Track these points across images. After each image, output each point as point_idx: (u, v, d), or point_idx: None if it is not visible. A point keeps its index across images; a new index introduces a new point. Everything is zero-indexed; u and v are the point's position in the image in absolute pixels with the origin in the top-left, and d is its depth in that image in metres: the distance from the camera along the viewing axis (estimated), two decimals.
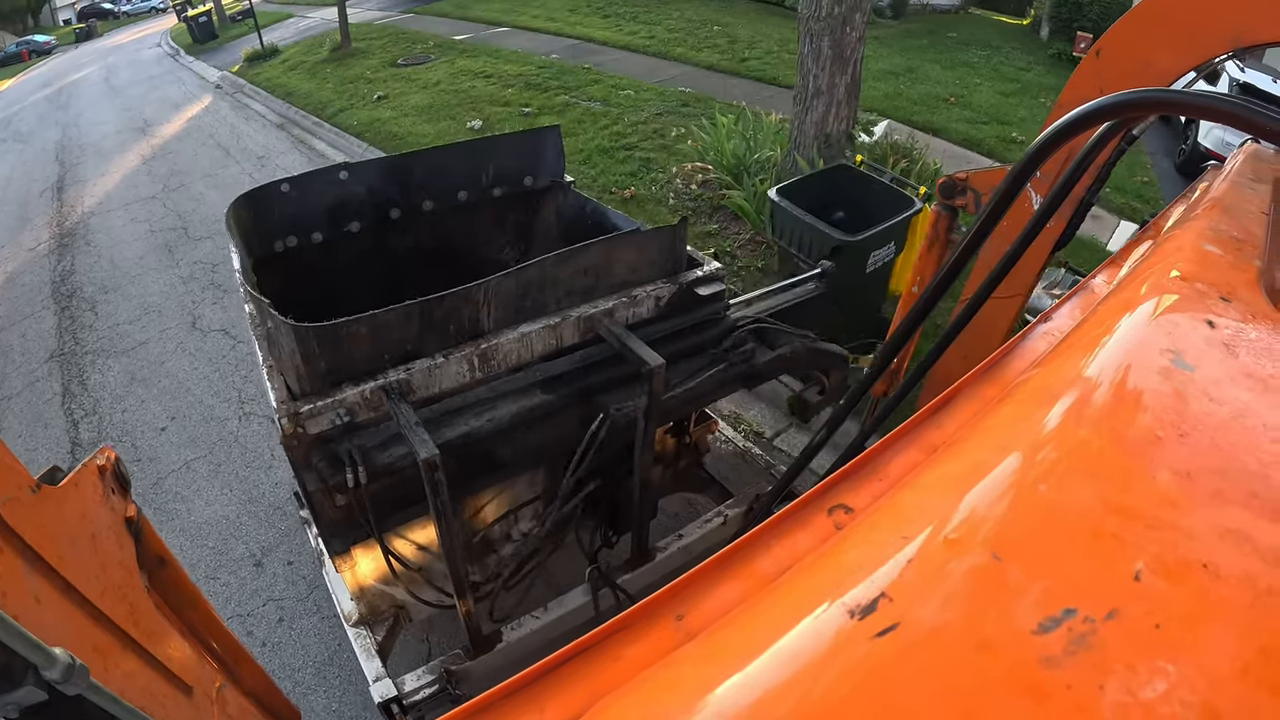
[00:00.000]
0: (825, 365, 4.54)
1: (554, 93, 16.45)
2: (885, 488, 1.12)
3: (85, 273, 11.41)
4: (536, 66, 18.70)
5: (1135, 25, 3.24)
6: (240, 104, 21.00)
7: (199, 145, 17.25)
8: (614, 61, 18.94)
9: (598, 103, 15.35)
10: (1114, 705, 0.48)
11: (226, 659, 2.30)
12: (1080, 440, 0.73)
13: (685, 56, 18.81)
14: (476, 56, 20.59)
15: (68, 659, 1.23)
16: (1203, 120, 9.16)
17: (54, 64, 41.81)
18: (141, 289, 10.51)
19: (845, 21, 8.85)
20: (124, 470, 1.88)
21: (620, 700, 0.79)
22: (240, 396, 7.94)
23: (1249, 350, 0.82)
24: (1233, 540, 0.59)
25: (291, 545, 6.10)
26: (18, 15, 65.58)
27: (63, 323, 9.97)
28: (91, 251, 12.17)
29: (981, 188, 4.12)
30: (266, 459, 7.02)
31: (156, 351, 8.90)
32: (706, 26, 21.75)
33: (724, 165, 10.59)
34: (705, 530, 4.42)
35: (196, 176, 14.91)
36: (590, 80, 17.10)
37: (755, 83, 16.50)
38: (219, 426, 7.52)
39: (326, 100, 18.54)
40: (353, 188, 4.74)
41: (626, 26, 22.46)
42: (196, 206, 13.33)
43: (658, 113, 14.28)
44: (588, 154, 12.56)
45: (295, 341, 3.03)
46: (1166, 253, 1.12)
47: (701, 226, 9.93)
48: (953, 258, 1.64)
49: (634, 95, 15.54)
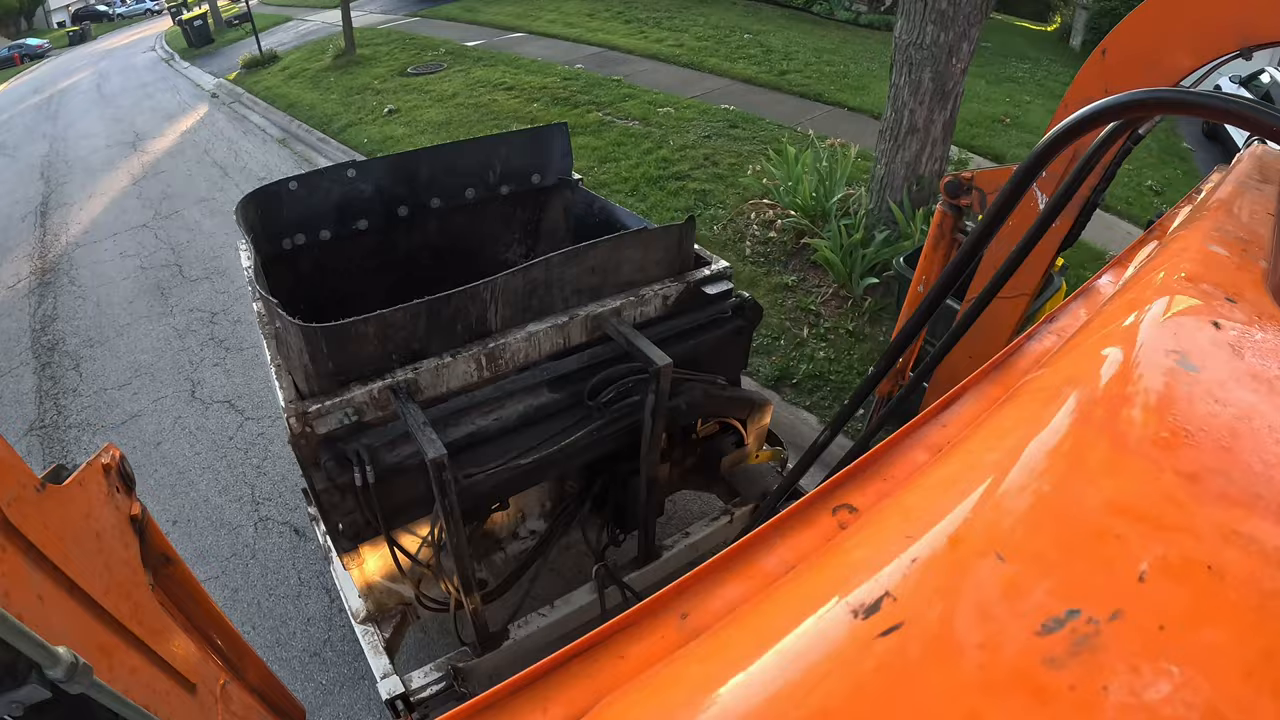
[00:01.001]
0: (740, 413, 4.47)
1: (585, 108, 15.13)
2: (890, 487, 1.12)
3: (68, 319, 10.05)
4: (561, 78, 17.37)
5: (1141, 25, 3.23)
6: (238, 115, 19.84)
7: (194, 163, 15.94)
8: (643, 73, 17.77)
9: (636, 121, 14.08)
10: (1117, 706, 0.48)
11: (231, 656, 2.31)
12: (1085, 441, 0.73)
13: (719, 68, 17.64)
14: (494, 65, 19.28)
15: (71, 658, 1.23)
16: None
17: (46, 69, 40.92)
18: (132, 343, 9.18)
19: (951, 52, 7.80)
20: (128, 469, 1.89)
21: (624, 698, 0.79)
22: (254, 495, 6.56)
23: (1254, 351, 0.82)
24: (1238, 542, 0.59)
25: (337, 709, 4.80)
26: (10, 18, 65.44)
27: (43, 384, 8.67)
28: (76, 292, 10.82)
29: (987, 187, 4.11)
30: (293, 584, 5.68)
31: (151, 428, 7.59)
32: (736, 34, 20.78)
33: (800, 206, 9.29)
34: (711, 528, 4.42)
35: (191, 201, 13.65)
36: (623, 94, 15.82)
37: (800, 99, 15.41)
38: (231, 537, 6.16)
39: (332, 113, 17.33)
40: (360, 185, 4.75)
41: (651, 33, 21.31)
42: (191, 238, 12.08)
43: (705, 135, 13.05)
44: (634, 184, 11.34)
45: (303, 341, 3.04)
46: (1172, 253, 1.12)
47: (776, 277, 8.61)
48: (958, 257, 1.64)
49: (674, 113, 14.31)
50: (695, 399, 3.85)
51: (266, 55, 24.17)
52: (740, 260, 8.95)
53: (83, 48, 48.30)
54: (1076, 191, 1.72)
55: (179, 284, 10.56)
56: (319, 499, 3.20)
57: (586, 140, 13.15)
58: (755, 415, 4.45)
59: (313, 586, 5.61)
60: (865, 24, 23.26)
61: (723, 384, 4.10)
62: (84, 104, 25.40)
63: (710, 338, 3.95)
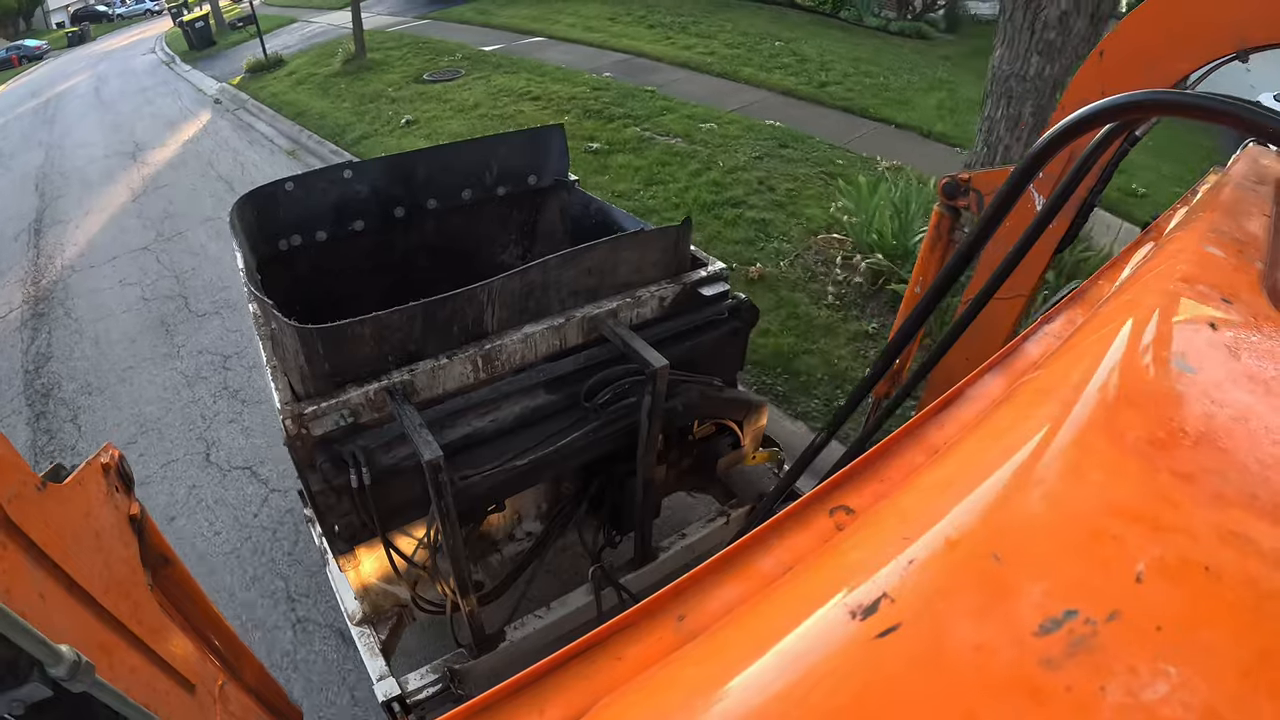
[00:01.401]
0: (736, 415, 4.47)
1: (621, 122, 14.01)
2: (887, 489, 1.12)
3: (64, 358, 9.01)
4: (591, 87, 16.30)
5: (1138, 27, 3.24)
6: (243, 124, 18.69)
7: (197, 177, 14.79)
8: (676, 83, 16.79)
9: (678, 138, 13.08)
10: (1115, 707, 0.48)
11: (229, 657, 2.32)
12: (1082, 442, 0.73)
13: (755, 79, 16.79)
14: (515, 72, 18.19)
15: (73, 656, 1.23)
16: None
17: (44, 70, 39.96)
18: (135, 391, 8.18)
19: (1056, 85, 7.24)
20: (127, 468, 1.89)
21: (621, 700, 0.79)
22: (289, 590, 5.52)
23: (1251, 352, 0.82)
24: (1234, 543, 0.59)
25: None
26: (9, 18, 64.92)
27: (38, 438, 7.63)
28: (72, 326, 9.77)
29: (984, 189, 4.12)
30: (346, 704, 4.71)
31: (163, 499, 6.47)
32: (767, 41, 20.06)
33: (879, 244, 8.52)
34: (708, 530, 4.42)
35: (195, 221, 12.56)
36: (659, 107, 14.76)
37: (844, 114, 14.68)
38: (266, 641, 5.14)
39: (344, 123, 16.16)
40: (357, 186, 4.75)
41: (679, 39, 20.48)
42: (197, 264, 11.02)
43: (756, 155, 12.06)
44: (687, 210, 10.27)
45: (299, 343, 3.04)
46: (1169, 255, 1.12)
47: (855, 323, 7.77)
48: (955, 258, 1.64)
49: (717, 129, 13.33)
50: (692, 400, 3.85)
51: (272, 59, 23.21)
52: (814, 303, 8.16)
53: (81, 49, 47.67)
54: (1073, 193, 1.73)
55: (185, 320, 9.56)
56: (315, 501, 3.19)
57: (627, 159, 12.28)
58: (752, 417, 4.45)
59: (370, 709, 4.64)
60: (895, 31, 22.93)
61: (719, 385, 4.10)
62: (82, 109, 24.50)
63: (707, 339, 3.95)
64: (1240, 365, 0.80)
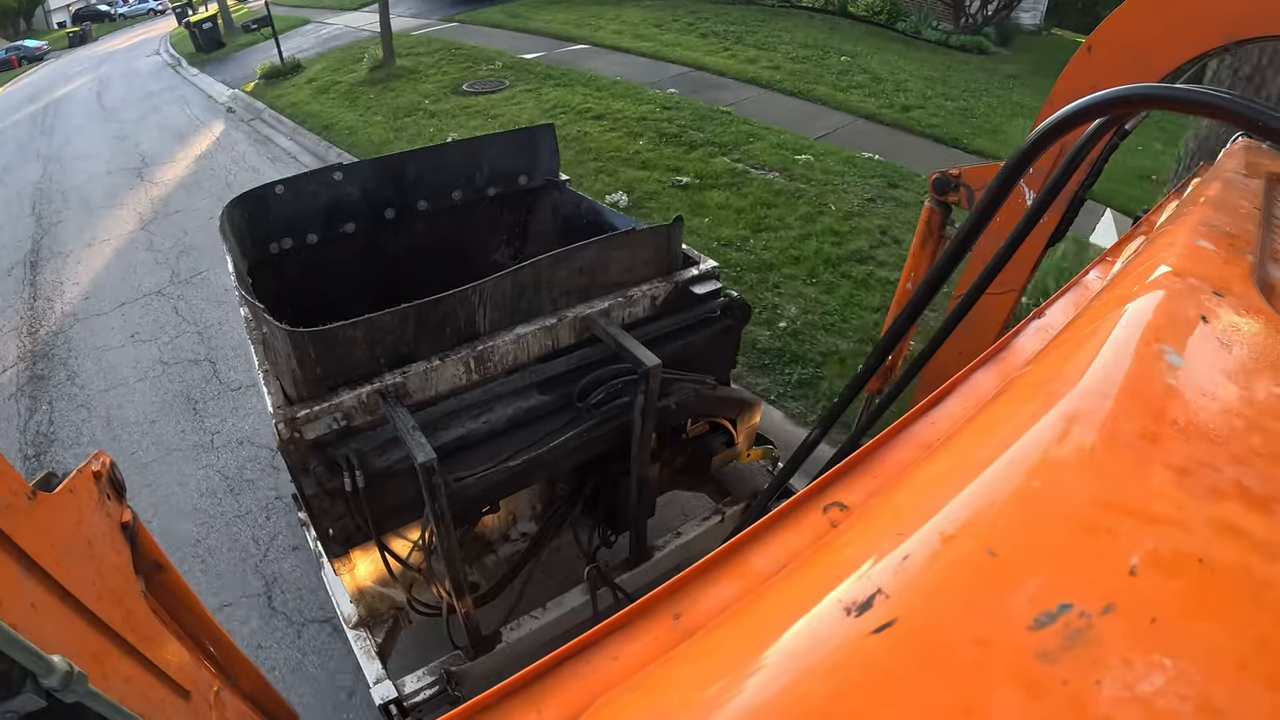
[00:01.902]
0: (729, 413, 4.47)
1: (704, 150, 12.57)
2: (880, 485, 1.12)
3: (70, 443, 7.44)
4: (660, 106, 14.72)
5: (1127, 21, 3.25)
6: (261, 137, 16.89)
7: (214, 201, 12.55)
8: (748, 102, 15.37)
9: (775, 172, 11.67)
10: (1111, 700, 0.48)
11: (223, 663, 2.31)
12: (1074, 436, 0.73)
13: (832, 99, 15.54)
14: (568, 85, 16.59)
15: (66, 666, 1.23)
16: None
17: (44, 72, 37.73)
18: (163, 499, 6.44)
19: None
20: (118, 475, 1.88)
21: (618, 699, 0.79)
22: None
23: (1242, 345, 0.82)
24: (1228, 534, 0.59)
25: None
26: (9, 18, 63.74)
27: None
28: (78, 397, 8.17)
29: (974, 184, 4.13)
30: None
31: None
32: (831, 56, 18.85)
33: None
34: (703, 529, 4.43)
35: (216, 257, 10.51)
36: (743, 133, 13.25)
37: (937, 144, 13.60)
38: None
39: (379, 140, 14.44)
40: (347, 189, 4.74)
41: (740, 52, 19.09)
42: (223, 316, 9.27)
43: (868, 197, 10.77)
44: (810, 265, 8.92)
45: (291, 346, 3.04)
46: (1160, 248, 1.12)
47: None
48: (946, 254, 1.64)
49: (814, 161, 11.95)
50: (685, 399, 3.86)
51: (289, 64, 21.57)
52: None
53: (83, 50, 46.22)
54: (1064, 187, 1.73)
55: (216, 394, 7.92)
56: (309, 504, 3.19)
57: (724, 198, 10.81)
58: (745, 415, 4.46)
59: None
60: (957, 46, 22.29)
61: (712, 384, 4.11)
62: (83, 116, 22.76)
63: (699, 337, 3.96)
64: (1232, 358, 0.80)
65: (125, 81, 27.78)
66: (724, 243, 9.63)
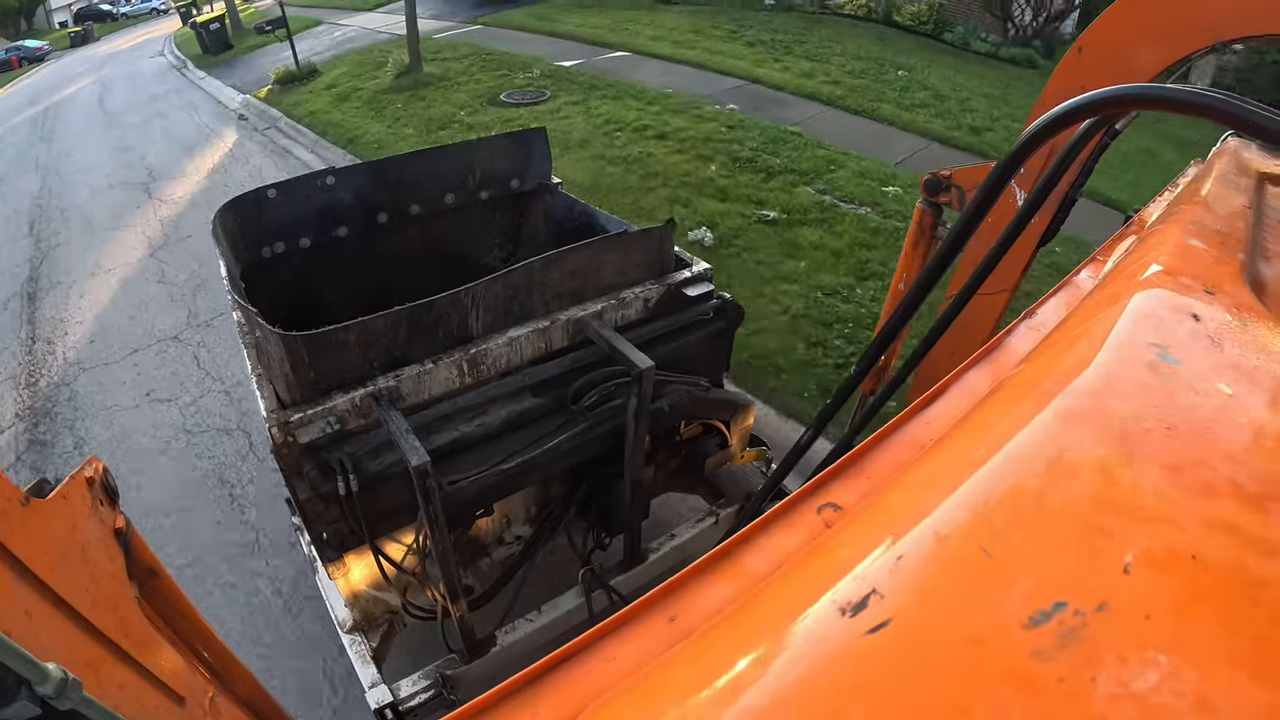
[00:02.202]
0: (723, 415, 4.47)
1: (784, 179, 11.24)
2: (874, 485, 1.12)
3: None
4: (724, 125, 13.34)
5: (1116, 22, 3.26)
6: (278, 148, 15.40)
7: None
8: (813, 120, 14.06)
9: (865, 206, 10.55)
10: (1106, 697, 0.48)
11: (219, 669, 2.30)
12: (1067, 435, 0.73)
13: (899, 119, 14.45)
14: (618, 98, 15.11)
15: (61, 674, 1.22)
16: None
17: (45, 74, 36.27)
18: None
19: None
20: (111, 481, 1.88)
21: (614, 702, 0.79)
22: None
23: (1234, 343, 0.82)
24: (1221, 531, 0.59)
25: None
26: (9, 18, 61.97)
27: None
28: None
29: (966, 184, 4.14)
30: None
31: None
32: (886, 69, 17.75)
33: None
34: (697, 530, 4.43)
35: None
36: (821, 158, 11.96)
37: None
38: None
39: None
40: (340, 192, 4.74)
41: (792, 64, 17.70)
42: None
43: None
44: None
45: (284, 350, 3.03)
46: (1150, 247, 1.12)
47: None
48: (938, 254, 1.65)
49: (902, 194, 10.77)
50: (678, 401, 3.86)
51: (304, 69, 20.16)
52: None
53: (85, 50, 45.01)
54: (1055, 187, 1.73)
55: (257, 473, 6.56)
56: (303, 509, 3.19)
57: (817, 236, 9.63)
58: (738, 416, 4.46)
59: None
60: (1007, 59, 21.41)
61: (705, 386, 4.11)
62: (84, 122, 21.53)
63: (692, 339, 3.96)
64: (1224, 356, 0.80)
65: (129, 84, 26.69)
66: (827, 291, 8.49)
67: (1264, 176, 1.36)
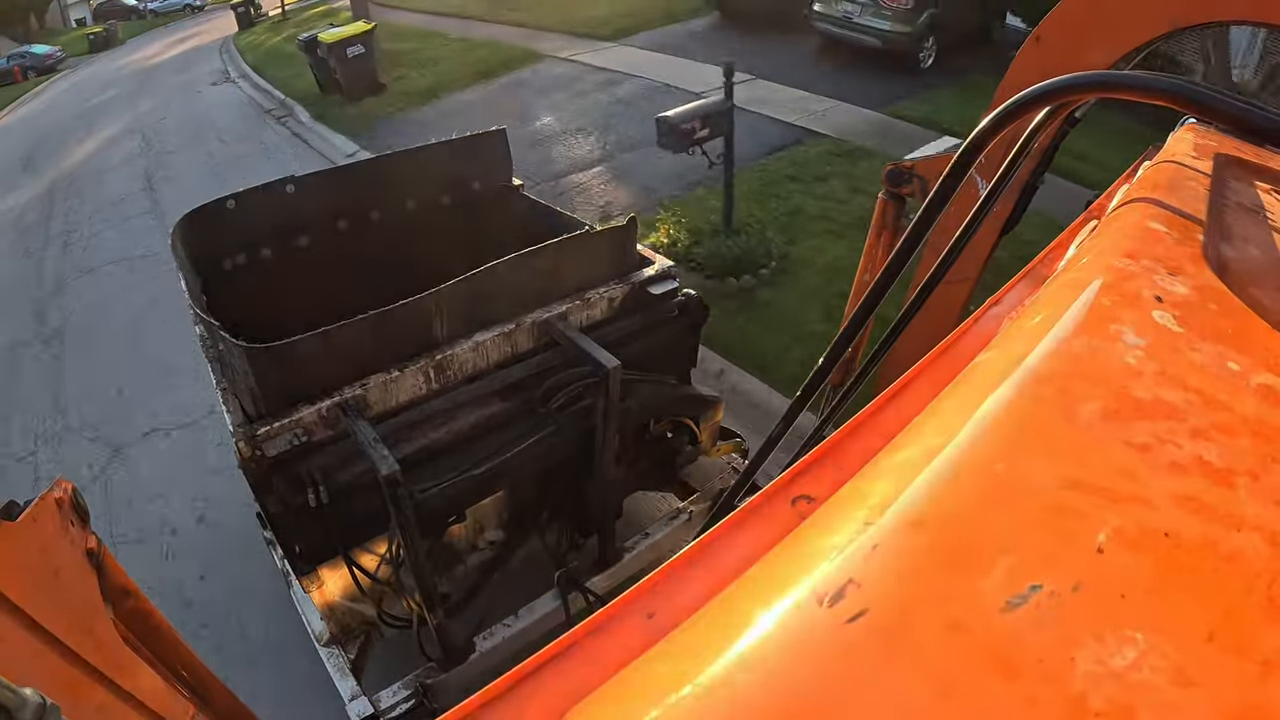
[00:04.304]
0: (691, 412, 4.48)
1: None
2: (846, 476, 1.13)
3: None
4: None
5: (1075, 10, 3.29)
6: None
7: None
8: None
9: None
10: (1086, 676, 0.49)
11: (197, 687, 2.29)
12: (1036, 418, 0.74)
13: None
14: None
15: (38, 699, 1.21)
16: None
17: (53, 94, 27.25)
18: None
19: None
20: (81, 501, 1.86)
21: (597, 702, 0.79)
22: None
23: (1198, 323, 0.84)
24: (1192, 508, 0.60)
25: None
26: (17, 15, 49.87)
27: None
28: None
29: (928, 175, 4.17)
30: None
31: None
32: None
33: None
34: (671, 528, 4.44)
35: None
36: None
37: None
38: None
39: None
40: (300, 201, 4.71)
41: None
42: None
43: None
44: None
45: (248, 363, 3.02)
46: (1112, 232, 1.13)
47: None
48: (902, 245, 1.66)
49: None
50: (646, 400, 3.86)
51: None
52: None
53: (108, 58, 36.45)
54: (1014, 175, 1.75)
55: None
56: (274, 523, 3.17)
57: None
58: (707, 413, 4.47)
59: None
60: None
61: (673, 383, 4.11)
62: (122, 238, 11.81)
63: (658, 338, 3.97)
64: (1187, 335, 0.81)
65: (193, 136, 16.72)
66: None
67: (1222, 158, 1.38)
